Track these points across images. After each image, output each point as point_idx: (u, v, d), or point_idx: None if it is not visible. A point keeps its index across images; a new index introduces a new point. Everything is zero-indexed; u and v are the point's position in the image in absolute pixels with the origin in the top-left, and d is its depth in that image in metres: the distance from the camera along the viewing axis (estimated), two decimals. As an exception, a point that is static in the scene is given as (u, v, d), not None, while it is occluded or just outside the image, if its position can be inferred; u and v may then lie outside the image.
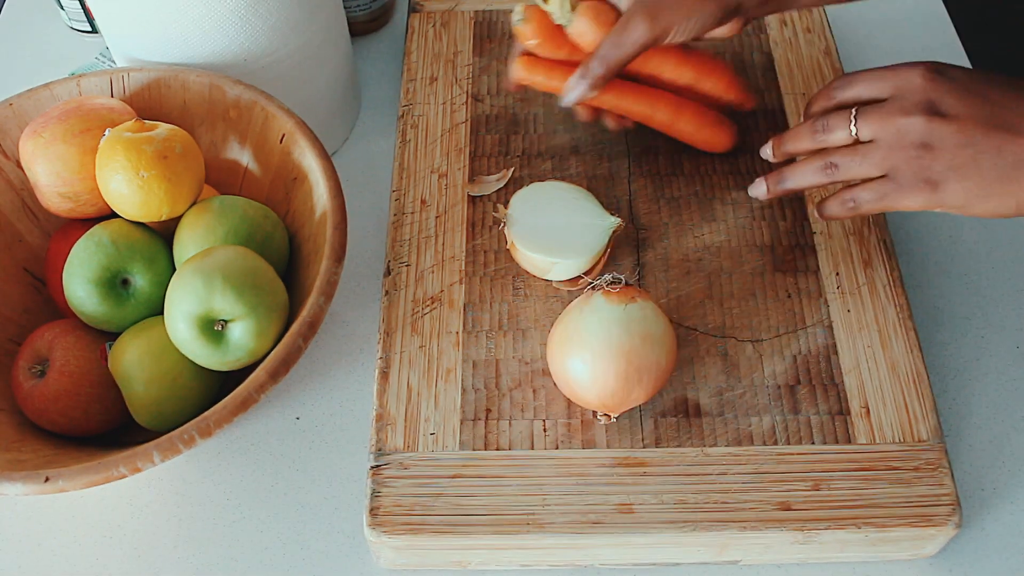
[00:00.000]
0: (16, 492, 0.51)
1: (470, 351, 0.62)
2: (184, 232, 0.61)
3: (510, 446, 0.58)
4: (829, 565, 0.58)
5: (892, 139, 0.54)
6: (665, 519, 0.55)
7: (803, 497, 0.56)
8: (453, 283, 0.65)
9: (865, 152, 0.55)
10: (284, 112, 0.64)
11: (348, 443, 0.63)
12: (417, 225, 0.68)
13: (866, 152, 0.55)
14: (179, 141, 0.60)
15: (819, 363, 0.61)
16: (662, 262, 0.66)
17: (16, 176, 0.66)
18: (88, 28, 0.87)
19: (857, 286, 0.64)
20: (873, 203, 0.56)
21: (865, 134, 0.55)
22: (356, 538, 0.60)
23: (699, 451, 0.58)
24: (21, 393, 0.60)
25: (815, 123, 0.57)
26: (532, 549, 0.56)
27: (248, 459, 0.63)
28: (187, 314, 0.55)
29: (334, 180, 0.61)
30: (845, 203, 0.58)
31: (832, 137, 0.57)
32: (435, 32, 0.80)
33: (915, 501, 0.56)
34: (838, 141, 0.57)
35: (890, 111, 0.54)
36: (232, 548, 0.59)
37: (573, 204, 0.65)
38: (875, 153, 0.55)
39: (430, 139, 0.73)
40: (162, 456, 0.51)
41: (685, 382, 0.61)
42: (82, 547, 0.60)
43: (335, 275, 0.57)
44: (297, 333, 0.55)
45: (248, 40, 0.66)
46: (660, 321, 0.57)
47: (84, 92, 0.67)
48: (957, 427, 0.63)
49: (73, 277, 0.60)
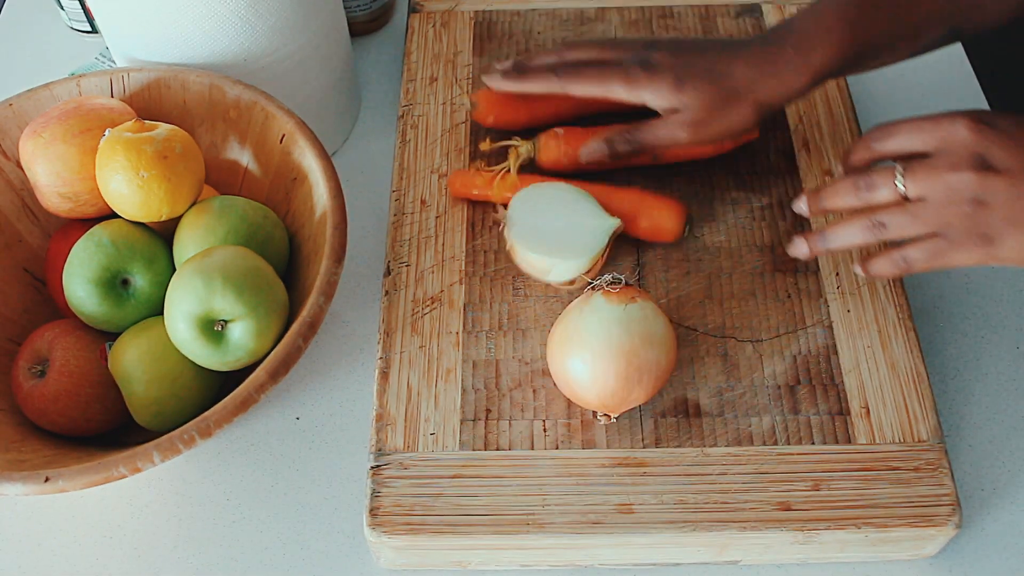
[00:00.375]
0: (16, 492, 0.51)
1: (470, 351, 0.62)
2: (184, 232, 0.61)
3: (510, 446, 0.58)
4: (829, 565, 0.58)
5: (943, 196, 0.52)
6: (665, 519, 0.55)
7: (803, 497, 0.56)
8: (453, 283, 0.65)
9: (915, 211, 0.53)
10: (284, 112, 0.64)
11: (348, 443, 0.63)
12: (417, 225, 0.68)
13: (916, 211, 0.53)
14: (179, 141, 0.60)
15: (819, 363, 0.61)
16: (662, 262, 0.66)
17: (16, 176, 0.66)
18: (88, 28, 0.87)
19: (857, 286, 0.64)
20: (925, 262, 0.55)
21: (913, 192, 0.53)
22: (356, 538, 0.60)
23: (699, 451, 0.58)
24: (21, 393, 0.60)
25: (857, 179, 0.55)
26: (532, 549, 0.56)
27: (248, 459, 0.63)
28: (187, 314, 0.55)
29: (334, 180, 0.61)
30: (896, 263, 0.56)
31: (877, 195, 0.55)
32: (435, 32, 0.80)
33: (915, 501, 0.56)
34: (883, 199, 0.54)
35: (938, 167, 0.53)
36: (232, 548, 0.59)
37: (572, 205, 0.65)
38: (926, 212, 0.53)
39: (430, 139, 0.73)
40: (162, 456, 0.51)
41: (685, 382, 0.61)
42: (82, 547, 0.60)
43: (335, 275, 0.57)
44: (297, 333, 0.55)
45: (248, 40, 0.66)
46: (660, 321, 0.57)
47: (84, 92, 0.67)
48: (957, 427, 0.63)
49: (73, 277, 0.60)
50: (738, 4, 0.81)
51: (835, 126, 0.73)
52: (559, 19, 0.81)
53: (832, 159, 0.71)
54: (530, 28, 0.80)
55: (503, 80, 0.68)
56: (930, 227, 0.54)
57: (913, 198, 0.53)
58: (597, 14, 0.81)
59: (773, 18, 0.80)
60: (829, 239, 0.58)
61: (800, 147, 0.72)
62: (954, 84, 0.81)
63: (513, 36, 0.80)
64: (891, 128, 0.56)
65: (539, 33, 0.80)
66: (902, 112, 0.79)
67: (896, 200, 0.54)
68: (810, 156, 0.71)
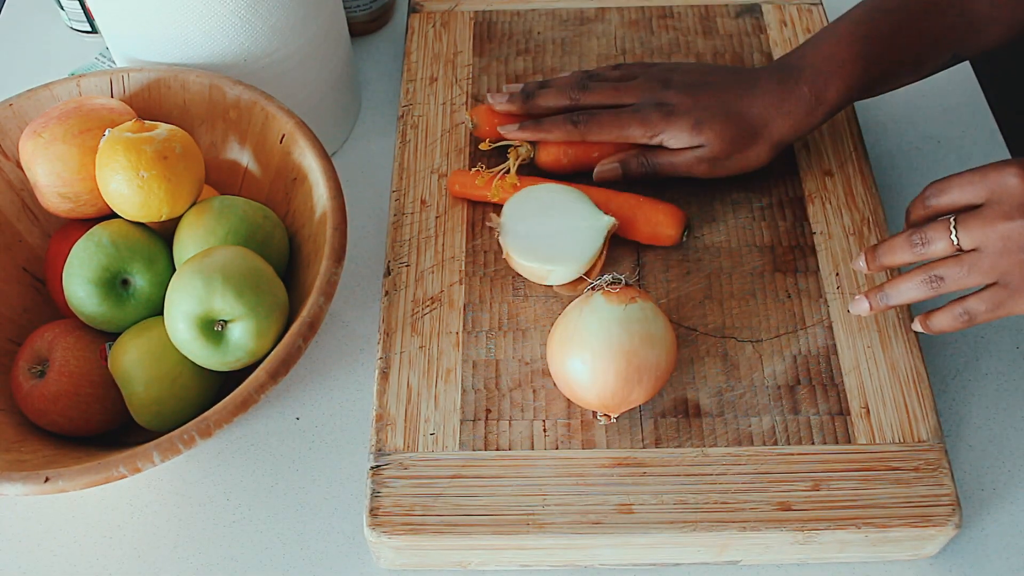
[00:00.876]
0: (16, 492, 0.51)
1: (470, 351, 0.62)
2: (184, 232, 0.61)
3: (510, 446, 0.58)
4: (829, 565, 0.58)
5: (998, 246, 0.53)
6: (665, 519, 0.55)
7: (803, 497, 0.56)
8: (453, 283, 0.65)
9: (972, 262, 0.54)
10: (284, 112, 0.64)
11: (348, 443, 0.63)
12: (417, 225, 0.68)
13: (973, 262, 0.54)
14: (179, 141, 0.60)
15: (819, 363, 0.61)
16: (662, 262, 0.66)
17: (16, 176, 0.66)
18: (88, 28, 0.87)
19: (857, 286, 0.64)
20: (988, 313, 0.55)
21: (967, 243, 0.54)
22: (356, 538, 0.60)
23: (699, 451, 0.58)
24: (21, 393, 0.60)
25: (912, 235, 0.56)
26: (532, 549, 0.56)
27: (248, 459, 0.63)
28: (187, 314, 0.55)
29: (334, 180, 0.61)
30: (958, 317, 0.56)
31: (932, 249, 0.55)
32: (435, 32, 0.80)
33: (915, 501, 0.56)
34: (939, 253, 0.55)
35: (991, 217, 0.53)
36: (232, 548, 0.59)
37: (566, 207, 0.64)
38: (982, 262, 0.54)
39: (430, 139, 0.73)
40: (162, 456, 0.51)
41: (685, 382, 0.61)
42: (82, 547, 0.60)
43: (335, 275, 0.57)
44: (297, 333, 0.55)
45: (248, 40, 0.66)
46: (660, 321, 0.57)
47: (84, 92, 0.67)
48: (957, 427, 0.63)
49: (73, 277, 0.60)
50: (738, 4, 0.81)
51: (835, 126, 0.73)
52: (559, 19, 0.81)
53: (832, 159, 0.71)
54: (530, 28, 0.80)
55: (520, 130, 0.68)
56: (988, 278, 0.54)
57: (967, 249, 0.54)
58: (597, 14, 0.81)
59: (773, 18, 0.80)
60: (891, 296, 0.58)
61: (800, 147, 0.72)
62: (953, 79, 0.81)
63: (513, 36, 0.80)
64: (944, 184, 0.56)
65: (539, 33, 0.80)
66: (901, 111, 0.79)
67: (952, 253, 0.55)
68: (810, 156, 0.71)
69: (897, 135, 0.78)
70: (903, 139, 0.78)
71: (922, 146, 0.77)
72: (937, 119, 0.79)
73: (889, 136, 0.78)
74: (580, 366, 0.56)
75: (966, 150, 0.77)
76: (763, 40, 0.79)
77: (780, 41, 0.78)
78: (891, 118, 0.79)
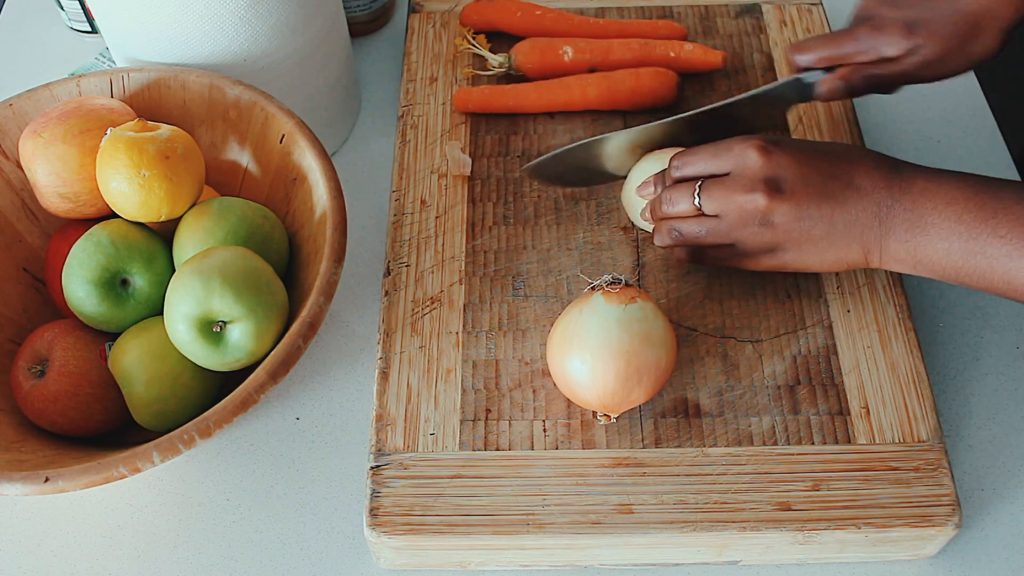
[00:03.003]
0: (16, 492, 0.51)
1: (470, 351, 0.62)
2: (184, 233, 0.61)
3: (510, 446, 0.58)
4: (829, 565, 0.58)
5: (735, 216, 0.58)
6: (665, 519, 0.55)
7: (803, 497, 0.56)
8: (453, 283, 0.65)
9: (711, 226, 0.59)
10: (284, 112, 0.64)
11: (348, 443, 0.63)
12: (417, 225, 0.68)
13: (712, 226, 0.59)
14: (181, 142, 0.60)
15: (819, 363, 0.61)
16: (662, 262, 0.66)
17: (16, 176, 0.66)
18: (88, 28, 0.87)
19: (857, 286, 0.64)
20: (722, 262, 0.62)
21: (708, 208, 0.59)
22: (356, 538, 0.60)
23: (699, 451, 0.58)
24: (21, 393, 0.60)
25: (663, 195, 0.61)
26: (532, 549, 0.56)
27: (248, 459, 0.63)
28: (186, 315, 0.55)
29: (334, 180, 0.61)
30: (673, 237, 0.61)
31: (677, 209, 0.60)
32: (435, 32, 0.80)
33: (915, 501, 0.56)
34: (683, 213, 0.60)
35: (732, 188, 0.58)
36: (232, 548, 0.59)
37: None
38: (721, 227, 0.59)
39: (430, 139, 0.73)
40: (162, 456, 0.51)
41: (685, 382, 0.61)
42: (82, 547, 0.60)
43: (335, 275, 0.57)
44: (297, 333, 0.55)
45: (248, 40, 0.66)
46: (660, 321, 0.57)
47: (84, 92, 0.67)
48: (957, 427, 0.63)
49: (73, 277, 0.60)
50: (738, 4, 0.81)
51: (835, 126, 0.73)
52: (559, 19, 0.81)
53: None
54: (530, 28, 0.80)
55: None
56: (726, 241, 0.59)
57: (710, 214, 0.59)
58: (597, 14, 0.81)
59: (773, 18, 0.80)
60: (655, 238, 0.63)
61: (800, 147, 0.72)
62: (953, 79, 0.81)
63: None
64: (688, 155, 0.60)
65: (539, 33, 0.80)
66: (901, 109, 0.79)
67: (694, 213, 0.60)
68: (810, 156, 0.71)
69: (897, 135, 0.78)
70: (903, 139, 0.78)
71: (922, 146, 0.77)
72: (937, 120, 0.79)
73: (889, 136, 0.78)
74: (580, 366, 0.56)
75: (966, 150, 0.77)
76: (763, 40, 0.79)
77: (780, 41, 0.78)
78: (891, 118, 0.79)
